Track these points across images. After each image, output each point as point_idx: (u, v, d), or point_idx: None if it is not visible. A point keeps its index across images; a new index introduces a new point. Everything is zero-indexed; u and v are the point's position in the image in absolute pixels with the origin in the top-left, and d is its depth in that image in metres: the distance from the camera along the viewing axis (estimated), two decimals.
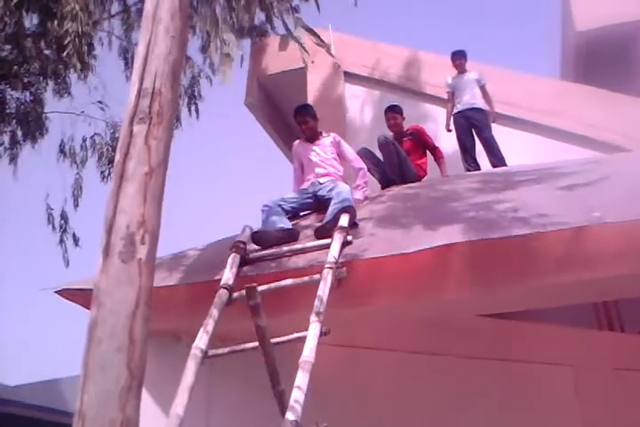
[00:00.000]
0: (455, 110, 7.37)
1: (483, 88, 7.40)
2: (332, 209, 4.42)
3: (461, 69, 7.53)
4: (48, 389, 13.40)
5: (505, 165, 6.87)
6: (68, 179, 9.79)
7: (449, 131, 7.36)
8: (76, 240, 9.68)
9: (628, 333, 6.22)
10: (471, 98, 7.32)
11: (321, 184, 5.01)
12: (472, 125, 7.21)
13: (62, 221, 9.65)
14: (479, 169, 6.98)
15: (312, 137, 5.38)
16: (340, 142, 5.38)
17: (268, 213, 4.61)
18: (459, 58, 7.54)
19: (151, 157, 3.21)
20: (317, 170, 5.18)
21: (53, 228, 9.59)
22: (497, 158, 7.00)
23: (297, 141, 5.52)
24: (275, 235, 4.32)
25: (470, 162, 7.11)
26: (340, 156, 5.34)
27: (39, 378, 14.23)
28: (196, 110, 9.66)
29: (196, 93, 9.62)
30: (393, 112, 6.70)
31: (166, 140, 3.34)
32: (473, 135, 7.21)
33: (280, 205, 4.75)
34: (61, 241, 9.55)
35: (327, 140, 5.36)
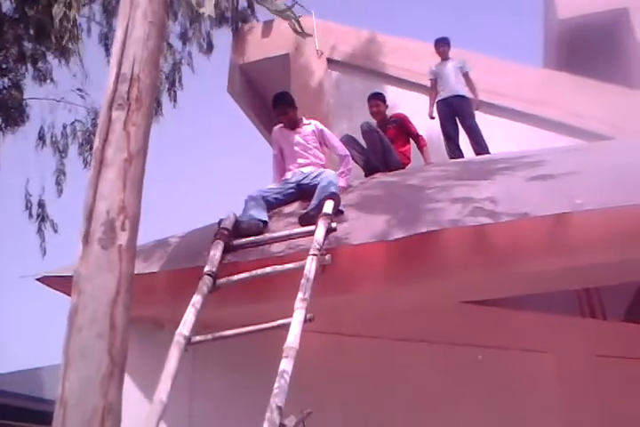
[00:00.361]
0: (438, 98, 7.33)
1: (466, 75, 7.36)
2: (316, 195, 4.39)
3: (444, 57, 7.49)
4: (29, 377, 13.35)
5: (488, 152, 6.87)
6: (48, 166, 9.75)
7: (432, 118, 7.33)
8: (54, 227, 9.64)
9: (610, 320, 6.27)
10: (454, 85, 7.28)
11: (304, 173, 4.97)
12: (455, 113, 7.19)
13: (40, 210, 9.60)
14: (462, 157, 6.97)
15: (293, 124, 5.28)
16: (323, 130, 5.30)
17: (248, 205, 4.54)
18: (442, 45, 7.49)
19: (130, 143, 3.18)
20: (300, 160, 5.12)
21: (30, 216, 9.54)
22: (480, 146, 7.00)
23: (277, 127, 5.39)
24: (241, 226, 4.23)
25: (454, 149, 7.11)
26: (323, 143, 5.28)
27: (21, 367, 14.18)
28: (175, 99, 9.64)
29: (176, 81, 9.58)
30: (376, 99, 6.67)
31: (145, 127, 3.30)
32: (456, 123, 7.19)
33: (264, 197, 4.69)
34: (40, 230, 9.51)
35: (309, 127, 5.26)
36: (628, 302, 6.74)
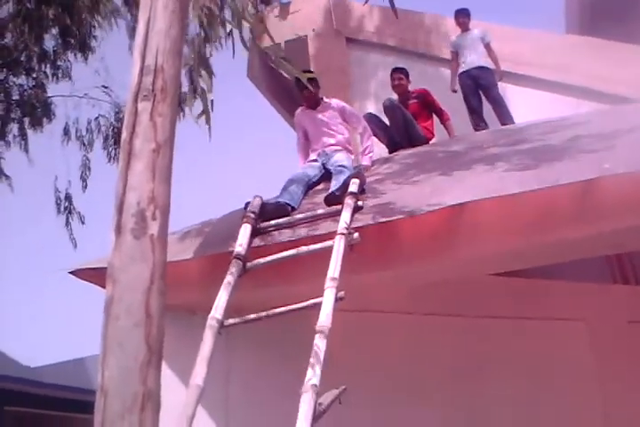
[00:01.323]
0: (460, 70, 7.26)
1: (487, 46, 7.27)
2: (338, 177, 4.43)
3: (465, 28, 7.42)
4: (72, 368, 13.62)
5: (513, 122, 6.81)
6: (74, 162, 9.90)
7: (454, 91, 7.27)
8: (82, 219, 9.83)
9: None
10: (476, 57, 7.21)
11: (327, 155, 5.04)
12: (479, 85, 7.11)
13: (67, 203, 9.78)
14: (487, 128, 6.92)
15: (314, 104, 5.34)
16: (344, 107, 5.37)
17: (287, 188, 4.61)
18: (462, 16, 7.43)
19: (157, 133, 3.22)
20: (325, 139, 5.18)
21: (59, 211, 9.72)
22: (505, 117, 6.94)
23: (299, 109, 5.48)
24: (268, 209, 4.27)
25: (479, 122, 7.05)
26: (345, 120, 5.33)
27: (63, 358, 14.49)
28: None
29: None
30: (399, 73, 6.65)
31: (171, 117, 3.34)
32: (480, 95, 7.12)
33: (307, 182, 4.80)
34: (67, 223, 9.70)
35: (330, 105, 5.33)
36: None
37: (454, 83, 7.33)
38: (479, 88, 7.13)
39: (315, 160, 5.11)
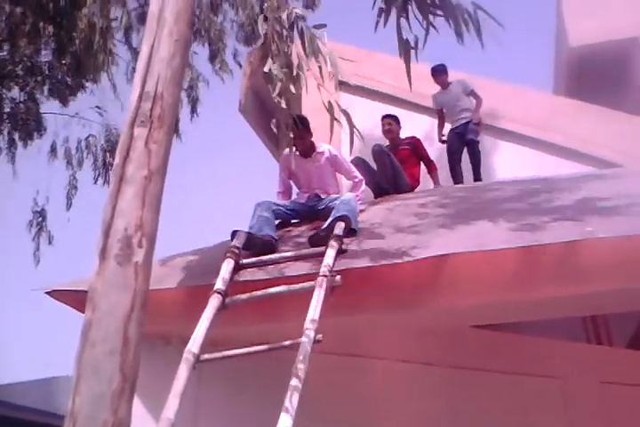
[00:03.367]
0: (453, 126, 7.24)
1: (472, 93, 7.23)
2: (331, 216, 4.40)
3: (445, 85, 7.36)
4: (42, 388, 13.28)
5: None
6: (56, 179, 9.86)
7: (442, 142, 7.32)
8: (50, 239, 9.75)
9: (615, 347, 6.25)
10: (461, 113, 7.18)
11: (320, 199, 4.98)
12: (463, 140, 7.10)
13: (40, 219, 9.70)
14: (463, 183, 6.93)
15: (307, 152, 5.19)
16: (336, 156, 5.23)
17: (260, 215, 4.53)
18: (439, 75, 7.32)
19: (151, 160, 3.20)
20: (315, 188, 5.11)
21: (30, 226, 9.64)
22: (478, 174, 6.93)
23: (288, 153, 5.10)
24: (255, 243, 4.26)
25: (458, 178, 7.05)
26: (337, 170, 5.27)
27: (34, 377, 14.15)
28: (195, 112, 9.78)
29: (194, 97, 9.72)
30: (389, 118, 6.78)
31: (166, 145, 3.33)
32: (462, 152, 7.11)
33: (275, 210, 4.70)
34: (33, 239, 9.63)
35: (323, 155, 5.17)
36: (634, 329, 6.73)
37: (441, 135, 7.36)
38: (464, 143, 7.10)
39: (301, 202, 5.04)
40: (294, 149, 5.03)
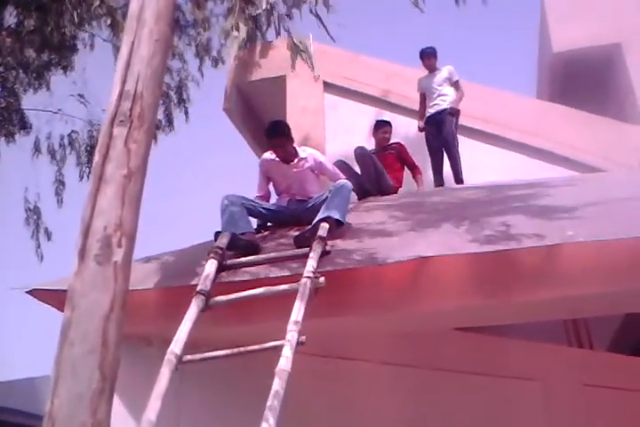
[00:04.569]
0: (427, 114, 7.22)
1: (455, 84, 7.20)
2: (318, 216, 4.33)
3: (432, 69, 7.33)
4: (24, 389, 13.18)
5: (462, 181, 6.87)
6: (43, 176, 9.79)
7: (421, 131, 7.30)
8: (48, 235, 9.68)
9: (596, 350, 6.29)
10: (440, 97, 7.14)
11: (302, 202, 4.84)
12: (440, 133, 7.04)
13: (35, 216, 9.64)
14: (442, 183, 6.95)
15: (288, 158, 4.93)
16: (321, 163, 5.04)
17: (233, 212, 4.45)
18: (428, 57, 7.29)
19: (130, 159, 3.18)
20: (296, 194, 4.95)
21: (27, 223, 9.57)
22: (458, 175, 6.94)
23: (269, 157, 4.99)
24: (239, 245, 4.21)
25: (437, 173, 7.07)
26: (320, 173, 5.11)
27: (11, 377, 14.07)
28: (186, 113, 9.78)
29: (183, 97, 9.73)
30: (387, 126, 6.87)
31: (146, 144, 3.31)
32: (441, 141, 7.09)
33: (248, 207, 4.60)
34: (33, 235, 9.55)
35: (306, 162, 4.95)
36: (614, 332, 6.79)
37: (421, 123, 7.33)
38: (442, 141, 7.07)
39: (282, 205, 4.92)
40: (274, 156, 4.93)
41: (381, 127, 6.84)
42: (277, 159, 4.93)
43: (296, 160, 4.94)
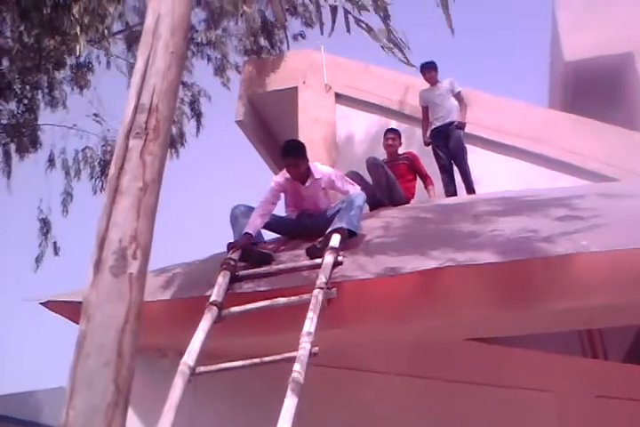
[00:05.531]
0: (432, 126, 7.19)
1: (458, 95, 7.18)
2: (331, 226, 4.31)
3: (433, 82, 7.32)
4: (23, 401, 13.21)
5: (474, 191, 6.86)
6: (56, 190, 9.90)
7: (427, 145, 7.27)
8: (56, 250, 9.77)
9: (611, 361, 6.25)
10: (447, 112, 7.13)
11: (313, 215, 4.83)
12: (448, 145, 7.02)
13: (45, 229, 9.74)
14: (455, 192, 6.94)
15: (302, 178, 4.81)
16: (334, 182, 4.87)
17: (241, 222, 4.44)
18: (428, 71, 7.28)
19: (146, 172, 3.20)
20: (308, 209, 4.90)
21: (42, 234, 9.67)
22: (470, 187, 6.92)
23: (284, 177, 4.81)
24: (252, 256, 4.22)
25: (448, 182, 7.01)
26: (336, 191, 5.02)
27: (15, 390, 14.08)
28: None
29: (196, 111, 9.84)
30: (393, 133, 6.85)
31: (161, 156, 3.33)
32: (449, 153, 7.06)
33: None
34: (40, 245, 9.66)
35: (320, 182, 4.83)
36: (629, 343, 6.73)
37: (426, 137, 7.29)
38: (451, 154, 7.05)
39: (292, 218, 4.91)
40: (289, 175, 4.80)
41: (387, 134, 6.85)
42: (291, 178, 4.83)
43: (310, 181, 4.82)
